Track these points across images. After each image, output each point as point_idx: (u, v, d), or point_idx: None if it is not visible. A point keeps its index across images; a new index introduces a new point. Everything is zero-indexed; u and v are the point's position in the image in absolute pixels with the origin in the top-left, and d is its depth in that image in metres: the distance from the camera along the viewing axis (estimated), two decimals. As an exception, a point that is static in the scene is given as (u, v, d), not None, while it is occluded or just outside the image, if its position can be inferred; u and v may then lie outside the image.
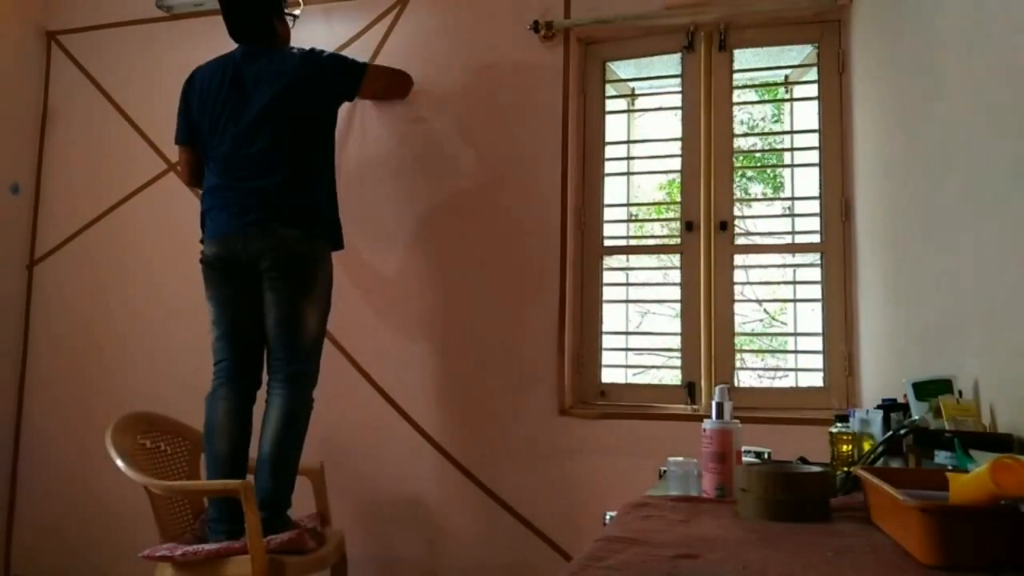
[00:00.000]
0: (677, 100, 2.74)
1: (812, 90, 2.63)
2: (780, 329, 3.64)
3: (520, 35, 2.75)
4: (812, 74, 2.65)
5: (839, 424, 1.59)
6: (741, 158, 2.92)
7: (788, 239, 2.66)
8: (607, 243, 2.78)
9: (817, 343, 2.55)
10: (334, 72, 2.54)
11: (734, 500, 1.30)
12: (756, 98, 3.25)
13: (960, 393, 1.42)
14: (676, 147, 2.72)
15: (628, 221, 2.92)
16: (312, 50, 2.56)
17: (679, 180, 2.74)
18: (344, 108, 2.96)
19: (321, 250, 2.45)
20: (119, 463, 2.20)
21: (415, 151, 2.86)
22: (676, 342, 2.66)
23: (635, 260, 2.85)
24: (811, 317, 2.61)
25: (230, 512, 2.19)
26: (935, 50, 1.71)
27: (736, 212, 2.68)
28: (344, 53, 2.97)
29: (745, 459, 1.52)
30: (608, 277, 2.78)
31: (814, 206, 2.60)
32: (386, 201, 2.88)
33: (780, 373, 2.94)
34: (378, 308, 2.85)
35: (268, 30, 2.55)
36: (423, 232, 2.82)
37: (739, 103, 2.83)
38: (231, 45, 3.15)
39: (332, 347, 2.87)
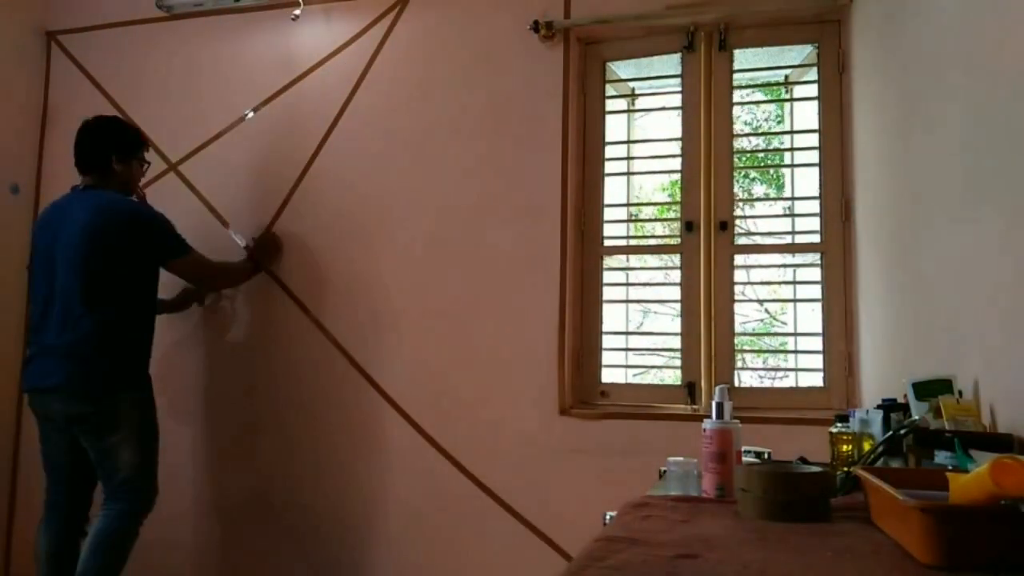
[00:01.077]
0: (677, 100, 2.74)
1: (812, 90, 2.63)
2: (780, 329, 3.64)
3: (520, 35, 2.75)
4: (812, 74, 2.65)
5: (839, 424, 1.59)
6: (743, 158, 2.92)
7: (788, 239, 2.66)
8: (607, 243, 2.78)
9: (817, 343, 2.55)
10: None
11: (734, 500, 1.29)
12: (756, 98, 3.25)
13: (960, 393, 1.42)
14: (676, 147, 2.72)
15: (628, 221, 2.92)
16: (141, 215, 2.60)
17: (679, 180, 2.73)
18: (334, 107, 2.95)
19: None
20: None
21: (414, 151, 2.86)
22: (676, 342, 2.66)
23: (635, 260, 2.84)
24: (811, 317, 2.61)
25: None
26: (935, 50, 1.71)
27: (736, 212, 2.68)
28: (341, 56, 2.98)
29: (745, 459, 1.52)
30: (608, 277, 2.77)
31: (814, 206, 2.60)
32: (385, 202, 2.88)
33: (780, 373, 2.95)
34: (378, 309, 2.84)
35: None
36: (423, 232, 2.82)
37: (739, 103, 2.82)
38: (231, 45, 3.16)
39: (333, 348, 2.87)
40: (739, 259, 2.64)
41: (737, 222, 2.69)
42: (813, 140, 2.61)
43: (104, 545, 2.41)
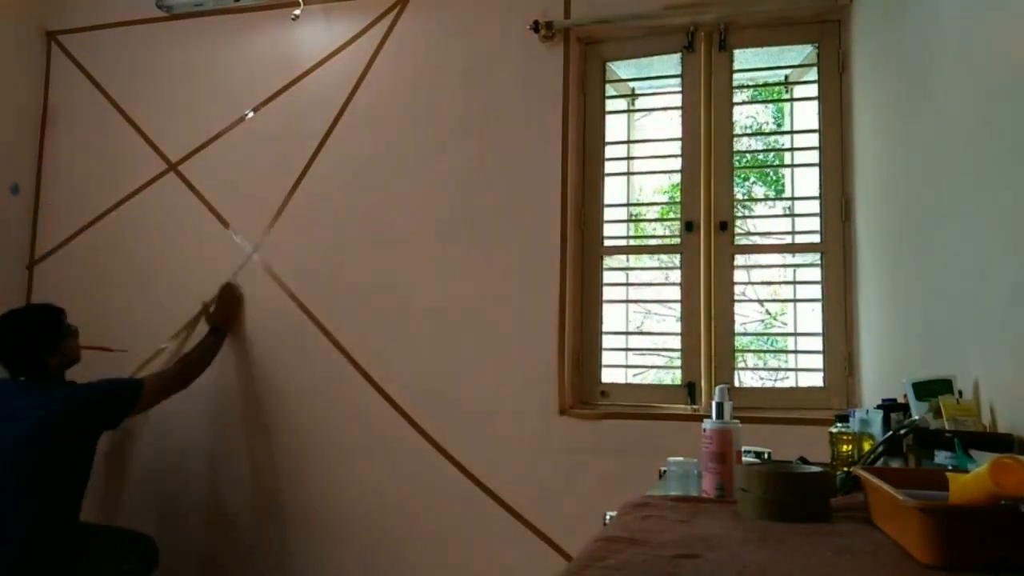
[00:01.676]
0: (677, 100, 2.74)
1: (812, 90, 2.63)
2: (780, 329, 3.64)
3: (520, 35, 2.75)
4: (812, 74, 2.65)
5: (839, 424, 1.59)
6: (744, 159, 2.92)
7: (788, 239, 2.66)
8: (607, 243, 2.78)
9: (817, 343, 2.55)
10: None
11: (734, 500, 1.29)
12: (756, 98, 3.25)
13: (960, 393, 1.41)
14: (676, 147, 2.72)
15: (628, 221, 2.92)
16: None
17: (679, 180, 2.74)
18: (334, 107, 2.95)
19: None
20: None
21: (414, 150, 2.86)
22: (676, 342, 2.66)
23: (635, 260, 2.85)
24: (811, 317, 2.61)
25: None
26: (935, 50, 1.71)
27: (736, 212, 2.68)
28: (341, 56, 2.97)
29: (745, 459, 1.52)
30: (608, 277, 2.77)
31: (814, 206, 2.60)
32: (385, 201, 2.88)
33: (780, 373, 2.94)
34: (378, 308, 2.84)
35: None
36: (423, 232, 2.82)
37: (739, 103, 2.82)
38: (231, 45, 3.16)
39: (332, 348, 2.87)
40: (739, 259, 2.64)
41: (737, 222, 2.69)
42: (813, 140, 2.61)
43: None
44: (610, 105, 2.83)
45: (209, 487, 2.97)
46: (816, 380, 2.54)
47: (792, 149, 2.74)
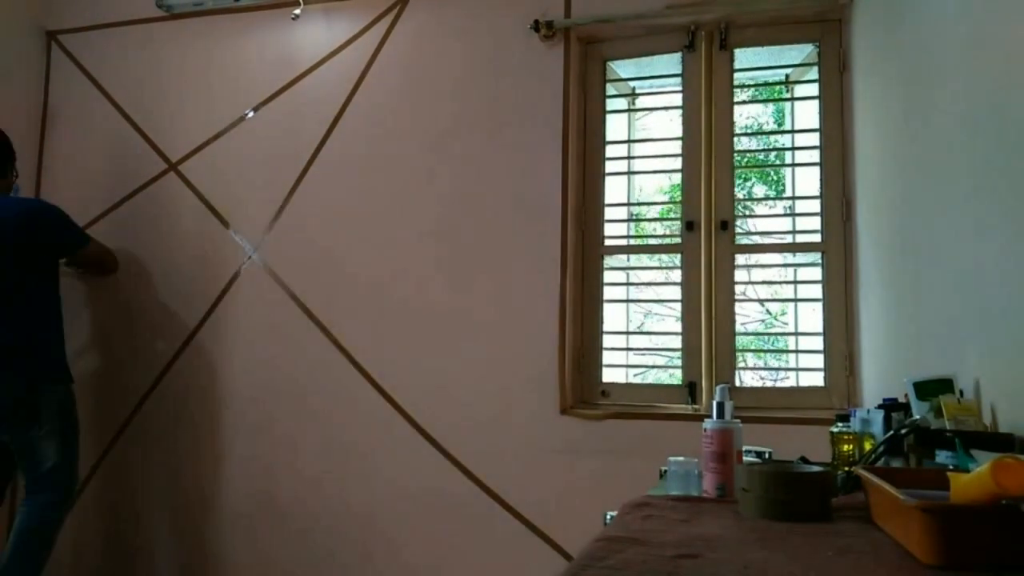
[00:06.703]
0: (678, 100, 2.74)
1: (813, 89, 2.63)
2: (781, 329, 3.64)
3: (520, 34, 2.75)
4: (813, 73, 2.65)
5: (840, 424, 1.58)
6: (744, 158, 2.92)
7: (789, 239, 2.66)
8: (608, 243, 2.78)
9: (818, 343, 2.54)
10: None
11: (735, 500, 1.29)
12: (757, 98, 3.24)
13: (961, 392, 1.41)
14: (677, 147, 2.72)
15: (629, 221, 2.92)
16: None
17: (680, 180, 2.73)
18: (334, 106, 2.95)
19: None
20: None
21: (414, 150, 2.86)
22: (677, 342, 2.65)
23: (636, 260, 2.84)
24: (812, 317, 2.61)
25: None
26: (935, 48, 1.70)
27: (737, 212, 2.68)
28: (341, 56, 2.98)
29: (746, 459, 1.52)
30: (609, 277, 2.77)
31: (815, 205, 2.60)
32: (386, 201, 2.87)
33: (781, 373, 2.94)
34: (378, 308, 2.84)
35: None
36: (423, 232, 2.82)
37: (740, 102, 2.82)
38: (231, 44, 3.16)
39: (332, 347, 2.87)
40: (740, 259, 2.64)
41: (738, 222, 2.69)
42: (814, 139, 2.61)
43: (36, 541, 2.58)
44: (610, 104, 2.83)
45: (208, 487, 2.97)
46: (817, 380, 2.53)
47: (793, 148, 2.74)
